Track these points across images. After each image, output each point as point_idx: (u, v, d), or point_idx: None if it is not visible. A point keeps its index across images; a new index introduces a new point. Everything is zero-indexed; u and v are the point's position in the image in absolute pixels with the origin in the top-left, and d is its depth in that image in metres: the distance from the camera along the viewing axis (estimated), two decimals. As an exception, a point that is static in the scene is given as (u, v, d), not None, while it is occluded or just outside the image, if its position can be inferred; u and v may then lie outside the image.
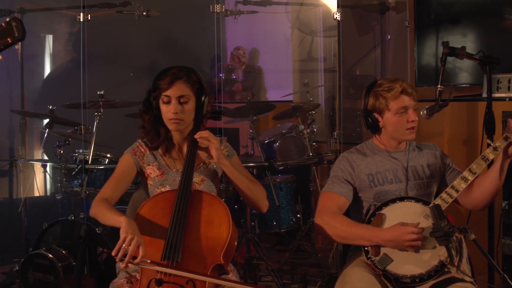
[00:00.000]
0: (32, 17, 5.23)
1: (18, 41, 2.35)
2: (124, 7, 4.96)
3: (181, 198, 2.71)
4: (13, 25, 2.35)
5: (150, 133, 2.97)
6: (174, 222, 2.65)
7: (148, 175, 2.98)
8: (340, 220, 2.91)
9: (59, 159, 4.64)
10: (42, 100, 5.66)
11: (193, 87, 2.88)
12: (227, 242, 2.63)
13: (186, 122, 2.90)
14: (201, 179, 2.95)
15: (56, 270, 3.99)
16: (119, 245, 2.49)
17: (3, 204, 5.64)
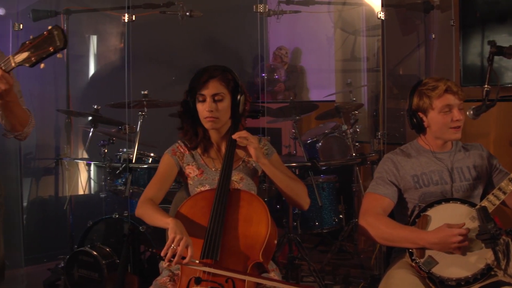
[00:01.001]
0: (77, 18, 5.30)
1: (60, 50, 2.38)
2: (168, 7, 4.99)
3: (220, 197, 2.72)
4: (54, 34, 2.38)
5: (188, 133, 3.00)
6: (213, 220, 2.67)
7: (187, 175, 3.00)
8: (385, 222, 2.88)
9: (103, 158, 4.69)
10: (87, 99, 5.73)
11: (228, 85, 2.89)
12: (266, 240, 2.62)
13: (221, 121, 2.90)
14: (240, 177, 2.95)
15: (100, 267, 4.04)
16: (167, 246, 2.51)
17: (49, 202, 5.72)
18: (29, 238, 5.21)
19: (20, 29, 4.85)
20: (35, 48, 2.39)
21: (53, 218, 5.54)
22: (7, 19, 5.24)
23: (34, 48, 2.39)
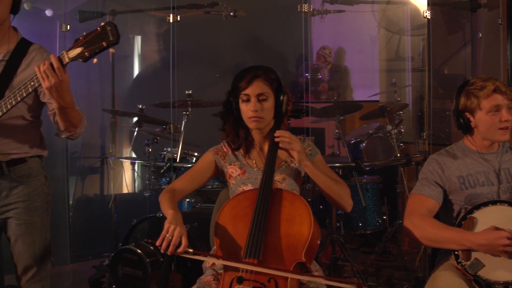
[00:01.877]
0: (122, 18, 5.36)
1: (113, 45, 2.42)
2: (212, 7, 5.01)
3: (262, 197, 2.72)
4: (107, 30, 2.42)
5: (231, 134, 3.01)
6: (255, 220, 2.66)
7: (230, 175, 3.01)
8: (430, 223, 2.85)
9: (148, 157, 4.74)
10: (132, 99, 5.79)
11: (272, 85, 2.88)
12: (309, 240, 2.61)
13: (266, 120, 2.90)
14: (283, 177, 2.95)
15: (144, 266, 4.07)
16: (162, 236, 2.54)
17: (95, 200, 5.80)
18: (75, 235, 5.29)
19: (67, 30, 4.93)
20: (88, 43, 2.44)
21: (98, 216, 5.61)
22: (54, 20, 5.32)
23: (87, 43, 2.44)
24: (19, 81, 2.84)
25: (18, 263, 3.03)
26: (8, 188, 2.94)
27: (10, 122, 2.88)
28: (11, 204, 2.95)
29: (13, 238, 2.99)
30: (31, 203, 2.98)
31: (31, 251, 3.00)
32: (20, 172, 2.95)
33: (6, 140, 2.89)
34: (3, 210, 2.95)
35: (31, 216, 2.99)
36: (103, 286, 4.81)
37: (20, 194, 2.95)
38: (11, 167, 2.92)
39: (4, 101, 2.70)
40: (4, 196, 2.94)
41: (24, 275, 3.03)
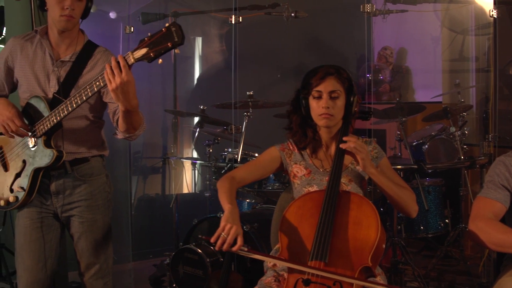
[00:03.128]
0: (184, 20, 5.41)
1: (178, 45, 2.44)
2: (273, 8, 5.00)
3: (329, 199, 2.69)
4: (172, 30, 2.44)
5: (297, 134, 2.97)
6: (322, 222, 2.63)
7: (295, 174, 2.98)
8: (496, 227, 2.77)
9: (208, 157, 4.77)
10: (193, 100, 5.85)
11: (344, 83, 2.84)
12: (376, 244, 2.57)
13: (336, 118, 2.86)
14: (349, 179, 2.92)
15: (205, 265, 4.09)
16: (218, 233, 2.52)
17: (156, 199, 5.88)
18: (136, 234, 5.37)
19: (131, 32, 5.01)
20: (154, 44, 2.46)
21: (159, 216, 5.69)
22: (118, 23, 5.42)
23: (152, 44, 2.46)
24: (84, 82, 2.90)
25: (81, 260, 3.10)
26: (71, 187, 3.00)
27: (74, 122, 2.95)
28: (74, 202, 3.02)
29: (76, 235, 3.06)
30: (93, 202, 3.05)
31: (93, 248, 3.07)
32: (83, 171, 3.02)
33: (70, 140, 2.96)
34: (67, 208, 3.02)
35: (93, 214, 3.05)
36: (163, 284, 4.86)
37: (82, 193, 3.02)
38: (75, 166, 2.99)
39: (70, 100, 2.75)
40: (67, 195, 3.01)
41: (87, 272, 3.10)
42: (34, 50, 2.99)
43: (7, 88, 3.10)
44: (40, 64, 2.96)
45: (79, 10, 2.90)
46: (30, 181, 2.92)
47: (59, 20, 2.88)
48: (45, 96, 2.91)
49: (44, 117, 2.85)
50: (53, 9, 2.88)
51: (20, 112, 2.92)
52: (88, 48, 3.00)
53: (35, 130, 2.89)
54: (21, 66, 2.99)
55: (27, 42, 3.01)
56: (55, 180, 2.98)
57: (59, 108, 2.79)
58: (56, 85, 2.93)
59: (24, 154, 2.96)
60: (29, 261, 3.01)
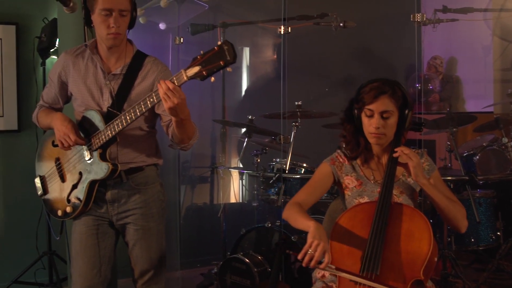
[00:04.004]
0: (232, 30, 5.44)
1: (230, 64, 2.45)
2: (322, 18, 5.00)
3: (381, 210, 2.68)
4: (225, 49, 2.45)
5: (351, 143, 2.96)
6: (373, 234, 2.63)
7: (346, 186, 2.97)
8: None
9: (256, 167, 4.78)
10: (242, 110, 5.87)
11: (397, 102, 2.80)
12: (428, 257, 2.55)
13: (387, 137, 2.84)
14: (400, 191, 2.89)
15: (252, 275, 4.10)
16: (305, 250, 2.51)
17: (204, 209, 5.91)
18: (184, 243, 5.41)
19: (180, 43, 5.07)
20: (206, 62, 2.48)
21: (207, 225, 5.72)
22: (167, 33, 5.49)
23: (205, 62, 2.48)
24: (136, 94, 2.94)
25: (135, 267, 3.14)
26: (126, 195, 3.05)
27: (129, 133, 2.99)
28: (129, 210, 3.06)
29: (131, 243, 3.10)
30: (147, 210, 3.08)
31: (148, 256, 3.11)
32: (138, 180, 3.06)
33: (125, 150, 3.01)
34: (122, 216, 3.07)
35: (148, 222, 3.09)
36: (211, 293, 4.89)
37: (137, 201, 3.06)
38: (130, 175, 3.03)
39: (124, 115, 2.80)
40: (123, 203, 3.05)
41: (141, 279, 3.14)
42: (85, 64, 3.04)
43: (61, 101, 3.18)
44: (92, 78, 3.01)
45: (124, 25, 2.93)
46: (86, 193, 2.98)
47: (107, 38, 2.92)
48: (100, 110, 2.96)
49: (99, 131, 2.91)
50: (99, 28, 2.93)
51: (76, 126, 2.97)
52: (138, 59, 3.04)
53: (91, 144, 2.95)
54: (74, 80, 3.05)
55: (78, 57, 3.07)
56: (111, 189, 3.03)
57: (114, 123, 2.84)
58: (109, 98, 2.98)
59: (80, 167, 3.02)
60: (84, 266, 3.06)
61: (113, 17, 2.86)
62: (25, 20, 5.10)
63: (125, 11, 2.89)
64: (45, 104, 3.23)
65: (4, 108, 5.04)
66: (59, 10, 4.49)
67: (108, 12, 2.86)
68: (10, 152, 5.12)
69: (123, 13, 2.89)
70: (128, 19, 2.94)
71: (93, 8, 2.90)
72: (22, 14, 5.09)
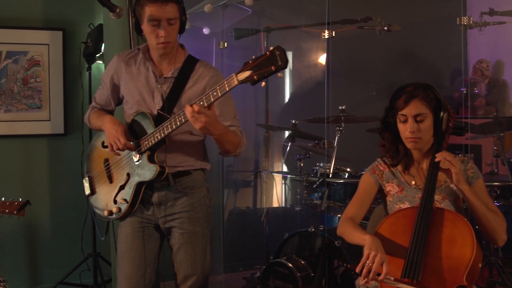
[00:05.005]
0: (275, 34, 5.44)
1: (281, 69, 2.46)
2: (366, 22, 4.97)
3: (423, 216, 2.67)
4: (276, 54, 2.46)
5: (390, 150, 2.98)
6: (415, 239, 2.62)
7: (387, 192, 2.98)
8: None
9: (300, 171, 4.77)
10: (285, 114, 5.87)
11: (430, 104, 2.81)
12: (471, 263, 2.53)
13: (423, 141, 2.85)
14: (442, 197, 2.87)
15: (295, 279, 4.09)
16: (363, 262, 2.52)
17: (247, 213, 5.92)
18: (227, 247, 5.42)
19: (224, 47, 5.09)
20: (258, 67, 2.48)
21: (250, 229, 5.73)
22: (211, 38, 5.52)
23: (256, 67, 2.49)
24: (187, 98, 2.96)
25: (178, 271, 3.14)
26: (173, 199, 3.06)
27: (178, 137, 3.01)
28: (175, 213, 3.07)
29: (176, 246, 3.11)
30: (194, 214, 3.09)
31: (192, 260, 3.10)
32: (185, 184, 3.07)
33: (173, 153, 3.03)
34: (168, 219, 3.08)
35: (194, 226, 3.09)
36: (253, 297, 4.89)
37: (184, 205, 3.07)
38: (177, 178, 3.05)
39: (174, 118, 2.81)
40: (169, 206, 3.07)
41: (184, 283, 3.13)
42: (138, 67, 3.07)
43: (113, 103, 3.23)
44: (144, 81, 3.04)
45: (174, 33, 2.94)
46: (133, 194, 3.01)
47: (157, 48, 2.94)
48: (150, 113, 2.99)
49: (149, 134, 2.93)
50: (149, 37, 2.95)
51: (126, 129, 3.00)
52: (189, 63, 3.05)
53: (140, 146, 2.98)
54: (126, 83, 3.08)
55: (131, 60, 3.10)
56: (158, 192, 3.05)
57: (163, 126, 2.86)
58: (160, 101, 3.00)
59: (128, 168, 3.05)
60: (129, 268, 3.08)
61: (161, 26, 2.87)
62: (71, 26, 5.19)
63: (173, 19, 2.89)
64: (97, 105, 3.28)
65: (51, 112, 5.13)
66: (105, 16, 4.56)
67: (156, 22, 2.86)
68: (57, 156, 5.21)
69: (171, 21, 2.89)
70: (178, 26, 2.94)
71: (142, 18, 2.91)
72: (68, 20, 5.18)
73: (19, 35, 5.02)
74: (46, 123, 5.13)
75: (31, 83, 5.07)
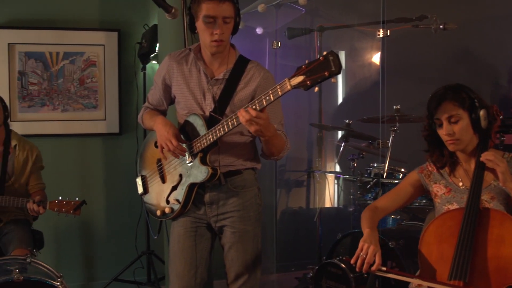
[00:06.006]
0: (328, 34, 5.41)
1: (335, 75, 2.44)
2: (421, 21, 4.90)
3: (469, 216, 2.64)
4: (330, 59, 2.44)
5: (435, 154, 2.97)
6: (461, 241, 2.60)
7: (435, 194, 2.97)
8: None
9: (353, 172, 4.73)
10: (338, 114, 5.84)
11: (463, 104, 2.77)
12: None
13: (463, 141, 2.82)
14: (491, 196, 2.82)
15: (348, 280, 4.05)
16: (357, 254, 2.64)
17: (300, 213, 5.91)
18: (280, 246, 5.42)
19: (278, 47, 5.08)
20: (311, 72, 2.47)
21: (302, 229, 5.71)
22: (264, 38, 5.52)
23: (309, 72, 2.47)
24: (238, 99, 2.97)
25: (229, 270, 3.15)
26: (224, 198, 3.08)
27: (229, 139, 3.02)
28: (227, 213, 3.08)
29: (227, 245, 3.12)
30: (245, 213, 3.10)
31: (243, 259, 3.11)
32: (236, 183, 3.08)
33: (225, 154, 3.04)
34: (220, 218, 3.10)
35: (245, 225, 3.10)
36: (306, 298, 4.88)
37: (235, 204, 3.08)
38: (228, 178, 3.06)
39: (226, 120, 2.82)
40: (221, 205, 3.08)
41: (235, 282, 3.14)
42: (189, 68, 3.08)
43: (166, 104, 3.25)
44: (196, 82, 3.06)
45: (228, 32, 2.95)
46: (185, 195, 3.04)
47: (210, 45, 2.95)
48: (203, 114, 3.00)
49: (201, 136, 2.95)
50: (202, 35, 2.96)
51: (177, 131, 3.03)
52: (240, 64, 3.05)
53: (192, 147, 3.00)
54: (178, 83, 3.10)
55: (182, 60, 3.11)
56: (209, 191, 3.07)
57: (216, 128, 2.87)
58: (212, 103, 3.01)
59: (181, 169, 3.07)
60: (181, 268, 3.10)
61: (217, 24, 2.88)
62: (126, 27, 5.27)
63: (228, 18, 2.90)
64: (150, 105, 3.32)
65: (106, 112, 5.22)
66: (160, 16, 4.61)
67: (211, 20, 2.87)
68: (112, 154, 5.29)
69: (227, 20, 2.90)
70: (232, 25, 2.95)
71: (197, 15, 2.93)
72: (123, 21, 5.26)
73: (75, 36, 5.13)
74: (101, 123, 5.22)
75: (87, 83, 5.17)
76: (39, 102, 5.08)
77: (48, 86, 5.10)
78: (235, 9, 2.94)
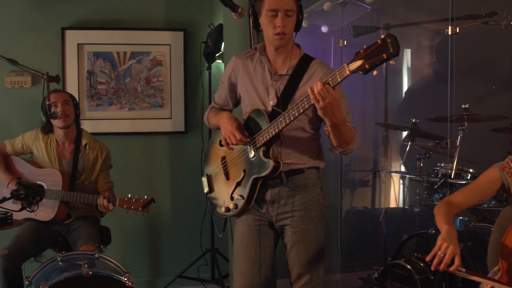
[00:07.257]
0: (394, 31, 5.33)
1: (393, 57, 2.41)
2: (490, 17, 4.79)
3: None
4: (388, 42, 2.42)
5: None
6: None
7: (515, 193, 2.85)
8: None
9: (419, 172, 4.66)
10: (404, 113, 5.75)
11: None
12: None
13: None
14: None
15: (414, 282, 3.99)
16: (434, 251, 2.49)
17: (365, 212, 5.85)
18: (345, 246, 5.38)
19: (344, 45, 5.05)
20: (369, 56, 2.46)
21: (367, 229, 5.65)
22: (330, 36, 5.49)
23: (367, 56, 2.46)
24: (300, 95, 2.97)
25: (292, 269, 3.14)
26: (286, 197, 3.07)
27: (292, 134, 3.02)
28: (288, 212, 3.08)
29: (289, 245, 3.12)
30: (307, 213, 3.08)
31: (305, 259, 3.10)
32: (298, 182, 3.07)
33: (287, 150, 3.04)
34: (281, 217, 3.10)
35: (306, 225, 3.08)
36: (371, 299, 4.83)
37: (297, 203, 3.07)
38: (290, 176, 3.06)
39: (288, 112, 2.83)
40: (282, 204, 3.08)
41: (297, 282, 3.13)
42: (254, 66, 3.13)
43: (231, 103, 3.30)
44: (260, 79, 3.09)
45: (290, 26, 2.98)
46: (249, 190, 3.05)
47: (273, 39, 2.99)
48: (265, 109, 3.02)
49: (263, 129, 2.96)
50: (266, 29, 3.00)
51: (241, 125, 3.06)
52: (304, 61, 3.07)
53: (255, 141, 3.01)
54: (243, 81, 3.15)
55: (247, 59, 3.17)
56: (271, 189, 3.08)
57: (277, 120, 2.88)
58: (274, 98, 3.03)
59: (244, 164, 3.09)
60: (244, 266, 3.12)
61: (279, 17, 2.93)
62: (192, 26, 5.32)
63: (290, 11, 2.94)
64: (216, 105, 3.37)
65: (172, 110, 5.28)
66: (225, 16, 4.64)
67: (274, 13, 2.93)
68: (178, 153, 5.36)
69: (289, 13, 2.94)
70: (294, 20, 2.99)
71: (260, 11, 2.99)
72: (189, 21, 5.32)
73: (142, 36, 5.21)
74: (167, 121, 5.29)
75: (153, 82, 5.24)
76: (107, 101, 5.19)
77: (116, 85, 5.19)
78: (297, 4, 2.98)
